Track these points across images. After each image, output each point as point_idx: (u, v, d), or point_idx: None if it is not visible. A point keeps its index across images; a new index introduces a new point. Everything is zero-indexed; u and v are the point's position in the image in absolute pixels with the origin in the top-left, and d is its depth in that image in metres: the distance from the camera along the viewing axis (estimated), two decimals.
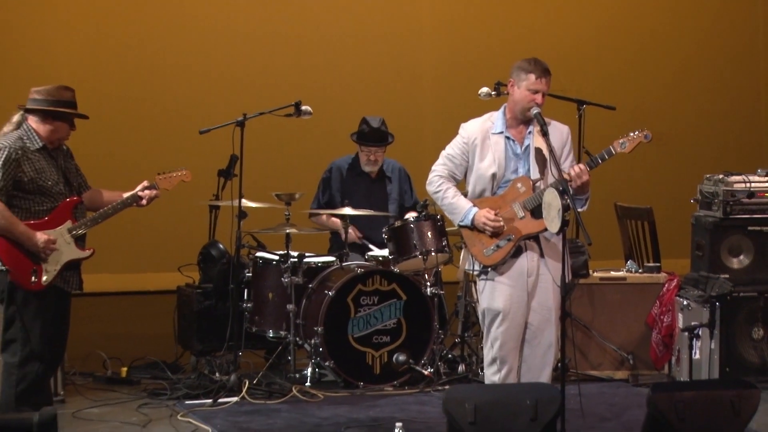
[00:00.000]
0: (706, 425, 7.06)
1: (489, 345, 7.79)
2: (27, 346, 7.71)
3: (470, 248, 7.72)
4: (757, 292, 9.49)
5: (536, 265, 7.69)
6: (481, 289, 7.79)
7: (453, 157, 7.78)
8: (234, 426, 8.39)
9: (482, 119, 7.80)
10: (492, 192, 7.72)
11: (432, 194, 7.86)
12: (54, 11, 13.22)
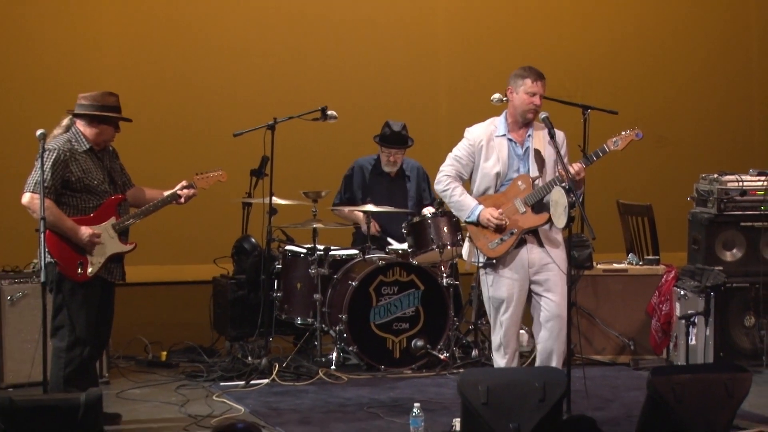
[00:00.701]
0: (702, 406, 7.05)
1: (495, 331, 7.84)
2: (74, 332, 7.74)
3: (476, 242, 7.81)
4: (749, 283, 9.49)
5: (538, 257, 7.74)
6: (486, 279, 7.84)
7: (460, 158, 7.88)
8: (265, 406, 8.40)
9: (485, 124, 7.91)
10: (495, 189, 7.83)
11: (440, 192, 7.98)
12: (100, 25, 13.21)
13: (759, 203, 9.67)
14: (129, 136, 8.34)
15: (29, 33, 13.04)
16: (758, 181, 9.72)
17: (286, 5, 13.42)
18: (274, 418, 8.07)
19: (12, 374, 8.80)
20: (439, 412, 7.89)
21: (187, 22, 13.34)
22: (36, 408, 6.75)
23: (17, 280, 8.97)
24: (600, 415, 6.90)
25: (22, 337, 8.78)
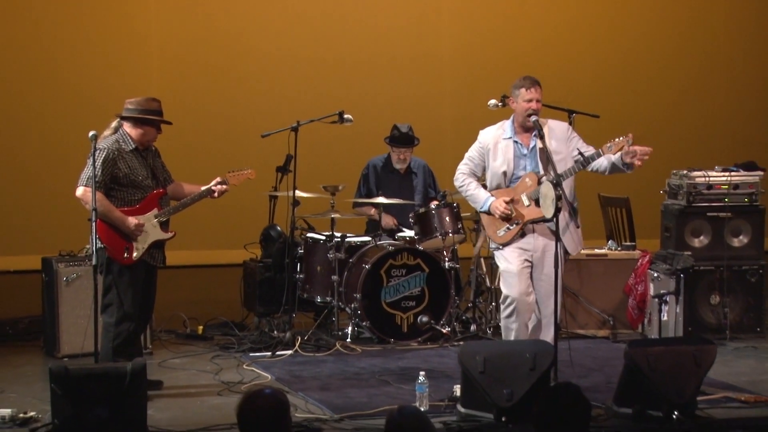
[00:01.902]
0: (673, 374, 7.04)
1: (505, 305, 7.86)
2: (121, 309, 7.75)
3: (487, 230, 8.02)
4: (714, 266, 9.48)
5: (542, 243, 7.84)
6: (498, 258, 8.01)
7: (473, 158, 8.06)
8: (289, 374, 8.39)
9: (496, 127, 8.04)
10: (506, 185, 7.97)
11: (458, 188, 8.17)
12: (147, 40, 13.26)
13: (723, 196, 9.66)
14: (171, 137, 8.37)
15: (84, 45, 13.13)
16: (722, 176, 9.72)
17: (309, 27, 13.53)
18: (297, 384, 8.07)
19: (67, 346, 8.80)
20: (442, 380, 7.88)
21: (223, 39, 13.42)
22: (88, 375, 6.76)
23: (72, 263, 8.97)
24: (583, 383, 6.90)
25: (76, 313, 8.78)
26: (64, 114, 12.83)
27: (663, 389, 6.99)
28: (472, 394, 7.11)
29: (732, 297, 9.48)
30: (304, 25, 13.52)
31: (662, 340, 8.73)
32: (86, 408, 5.31)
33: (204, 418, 7.12)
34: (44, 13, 13.04)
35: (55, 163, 12.33)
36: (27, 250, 11.87)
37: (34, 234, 12.47)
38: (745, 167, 9.87)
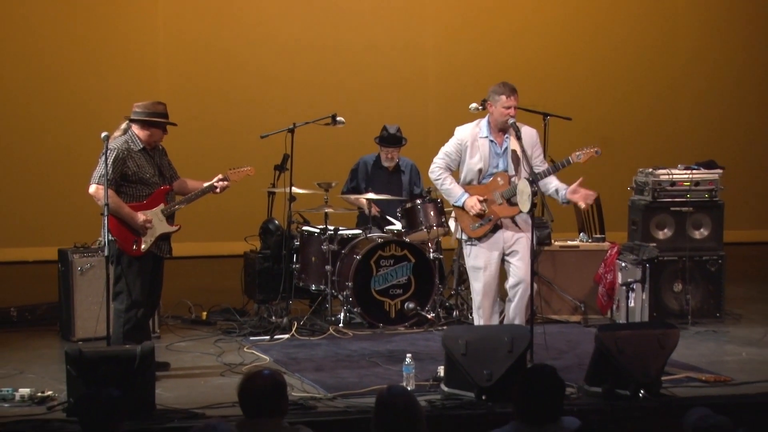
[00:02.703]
0: (639, 356, 7.06)
1: (474, 294, 7.87)
2: (131, 297, 7.75)
3: (460, 223, 7.97)
4: (677, 257, 9.49)
5: (510, 236, 7.82)
6: (467, 252, 7.95)
7: (449, 153, 7.99)
8: (286, 356, 8.39)
9: (472, 125, 7.97)
10: (478, 181, 7.93)
11: (433, 180, 8.12)
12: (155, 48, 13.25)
13: (685, 192, 9.68)
14: (177, 137, 8.35)
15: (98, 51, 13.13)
16: (685, 174, 9.74)
17: (304, 37, 13.56)
18: (294, 365, 8.06)
19: (81, 330, 8.78)
20: (427, 361, 7.87)
21: (225, 48, 13.43)
22: (101, 358, 6.77)
23: (85, 254, 8.96)
24: (557, 364, 6.89)
25: (90, 300, 8.76)
26: (78, 116, 12.80)
27: (630, 370, 7.01)
28: (454, 374, 7.12)
29: (693, 285, 9.49)
30: (300, 36, 13.52)
31: (629, 324, 8.74)
32: (99, 387, 5.29)
33: (208, 397, 7.12)
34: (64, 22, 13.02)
35: (70, 162, 12.30)
36: (44, 243, 11.84)
37: (51, 227, 12.44)
38: (705, 166, 9.90)
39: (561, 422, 5.24)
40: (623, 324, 8.93)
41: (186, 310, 9.89)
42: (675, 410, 6.56)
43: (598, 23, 14.22)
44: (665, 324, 7.69)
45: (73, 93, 13.01)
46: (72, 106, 12.96)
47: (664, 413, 6.78)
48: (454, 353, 7.08)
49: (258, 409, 5.18)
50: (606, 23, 14.24)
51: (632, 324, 8.77)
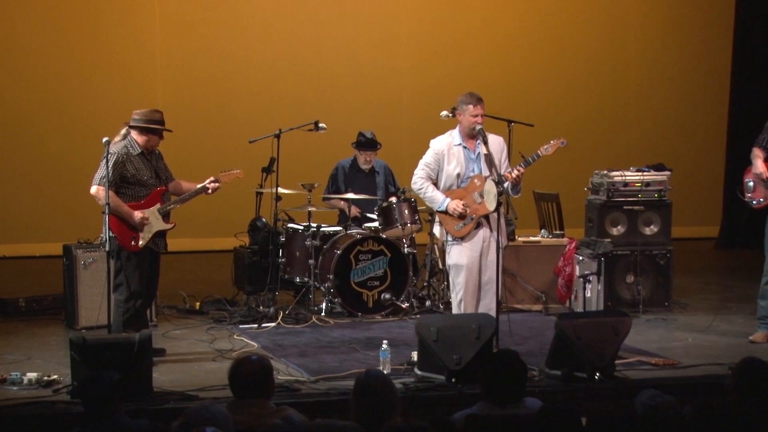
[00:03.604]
0: (595, 342, 7.07)
1: (456, 290, 7.86)
2: (130, 288, 7.74)
3: (445, 226, 7.91)
4: (630, 251, 9.52)
5: (488, 235, 7.79)
6: (451, 252, 7.89)
7: (429, 164, 7.95)
8: (273, 343, 8.38)
9: (445, 136, 7.97)
10: (457, 186, 7.90)
11: (416, 191, 8.05)
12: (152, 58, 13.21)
13: (637, 192, 9.71)
14: (172, 142, 8.34)
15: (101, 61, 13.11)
16: (636, 175, 9.77)
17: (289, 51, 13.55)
18: (280, 351, 8.05)
19: (84, 319, 8.75)
20: (402, 347, 7.86)
21: (217, 60, 13.43)
22: (102, 344, 6.75)
23: (88, 249, 8.94)
24: (520, 349, 6.91)
25: (92, 291, 8.73)
26: (81, 124, 12.75)
27: (587, 354, 7.02)
28: (427, 359, 7.12)
29: (644, 277, 9.52)
30: (286, 51, 13.53)
31: (586, 313, 8.75)
32: (101, 371, 5.27)
33: (201, 380, 7.10)
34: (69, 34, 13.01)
35: (74, 165, 12.24)
36: (50, 239, 11.79)
37: (56, 225, 12.39)
38: (655, 168, 9.93)
39: (524, 403, 5.25)
40: (581, 312, 8.95)
41: (181, 300, 9.86)
42: (627, 391, 6.59)
43: (557, 40, 14.24)
44: (619, 312, 7.72)
45: (75, 103, 12.97)
46: (75, 115, 12.92)
47: (617, 394, 6.80)
48: (426, 340, 7.08)
49: (247, 391, 5.17)
50: (564, 40, 14.26)
51: (589, 313, 8.79)
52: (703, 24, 14.53)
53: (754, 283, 8.71)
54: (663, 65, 14.56)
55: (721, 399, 5.28)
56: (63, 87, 12.96)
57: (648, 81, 14.55)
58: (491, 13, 14.10)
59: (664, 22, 14.53)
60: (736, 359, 5.56)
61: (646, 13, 14.48)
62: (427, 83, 13.59)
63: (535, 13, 14.20)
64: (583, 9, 14.31)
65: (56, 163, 12.87)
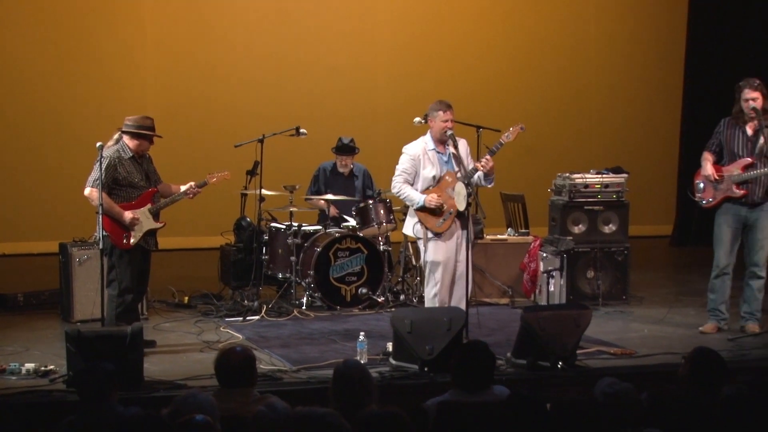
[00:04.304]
0: (558, 333, 7.09)
1: (432, 285, 7.85)
2: (122, 284, 7.71)
3: (425, 223, 7.91)
4: (590, 248, 9.55)
5: (460, 233, 7.82)
6: (428, 248, 7.88)
7: (406, 170, 7.96)
8: (257, 335, 8.36)
9: (418, 142, 7.99)
10: (434, 187, 7.88)
11: (396, 194, 8.07)
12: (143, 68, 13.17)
13: (597, 193, 9.74)
14: (162, 147, 8.30)
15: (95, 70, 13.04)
16: (596, 178, 9.80)
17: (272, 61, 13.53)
18: (263, 343, 8.04)
19: (79, 313, 8.72)
20: (378, 339, 7.85)
21: (204, 69, 13.41)
22: (96, 337, 6.72)
23: (83, 247, 8.91)
24: (489, 340, 6.90)
25: (87, 287, 8.69)
26: (76, 127, 12.69)
27: (550, 345, 7.04)
28: (401, 349, 7.13)
29: (603, 272, 9.55)
30: (269, 60, 13.51)
31: (550, 306, 8.78)
32: (95, 362, 5.25)
33: (189, 370, 7.08)
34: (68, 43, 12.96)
35: (70, 166, 12.16)
36: (47, 237, 11.73)
37: (53, 224, 12.33)
38: (613, 171, 9.97)
39: (492, 390, 5.26)
40: (544, 306, 8.97)
41: (170, 295, 9.83)
42: (588, 379, 6.60)
43: (527, 56, 14.27)
44: (580, 306, 7.74)
45: (70, 111, 12.93)
46: (70, 121, 12.87)
47: (578, 381, 6.81)
48: (400, 331, 7.08)
49: (232, 380, 5.16)
50: (533, 57, 14.30)
51: (552, 306, 8.82)
52: (657, 41, 14.59)
53: (705, 277, 8.75)
54: (621, 78, 14.62)
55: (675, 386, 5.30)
56: (58, 96, 12.90)
57: (607, 92, 14.61)
58: (464, 30, 14.10)
59: (622, 40, 14.57)
60: (688, 349, 5.58)
61: (606, 32, 14.53)
62: (402, 93, 13.59)
63: (507, 31, 14.22)
64: (550, 28, 14.35)
65: (52, 167, 12.80)
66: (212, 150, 12.72)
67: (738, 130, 8.26)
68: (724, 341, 7.90)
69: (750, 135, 8.22)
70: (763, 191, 8.20)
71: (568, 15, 14.43)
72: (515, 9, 14.28)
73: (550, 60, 14.37)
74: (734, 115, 8.28)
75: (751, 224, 8.25)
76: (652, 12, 14.60)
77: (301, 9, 13.64)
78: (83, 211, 9.22)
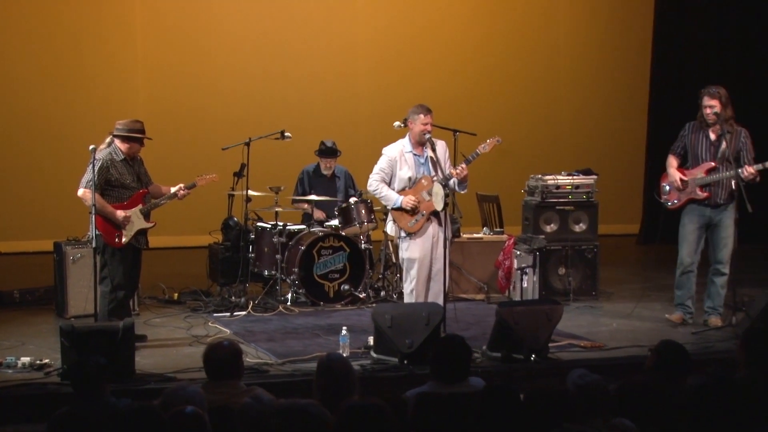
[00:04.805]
0: (531, 327, 7.11)
1: (409, 281, 7.85)
2: (114, 281, 7.70)
3: (399, 223, 7.89)
4: (561, 246, 9.58)
5: (437, 231, 7.78)
6: (405, 247, 7.89)
7: (383, 169, 7.95)
8: (244, 329, 8.34)
9: (396, 144, 7.98)
10: (409, 187, 7.89)
11: (372, 192, 8.06)
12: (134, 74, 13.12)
13: (568, 194, 9.77)
14: (153, 149, 8.27)
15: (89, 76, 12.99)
16: (567, 179, 9.84)
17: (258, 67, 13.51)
18: (250, 337, 8.02)
19: (73, 308, 8.68)
20: (359, 333, 7.86)
21: (192, 75, 13.41)
22: (89, 332, 6.71)
23: (76, 246, 8.87)
24: (465, 334, 6.93)
25: (80, 284, 8.65)
26: (69, 131, 12.64)
27: (524, 338, 7.06)
28: (382, 343, 7.13)
29: (574, 269, 9.58)
30: (255, 68, 13.51)
31: (523, 301, 8.80)
32: (88, 356, 5.23)
33: (178, 363, 7.07)
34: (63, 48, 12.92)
35: (64, 167, 12.10)
36: (42, 236, 11.65)
37: (47, 223, 12.25)
38: (583, 172, 10.00)
39: (468, 381, 5.26)
40: (518, 301, 8.99)
41: (160, 291, 9.80)
42: (560, 371, 6.59)
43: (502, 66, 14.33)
44: (552, 301, 7.75)
45: (63, 116, 12.89)
46: (63, 126, 12.83)
47: (551, 373, 6.82)
48: (381, 326, 7.08)
49: (219, 373, 5.15)
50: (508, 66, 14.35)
51: (525, 301, 8.83)
52: (625, 52, 14.63)
53: (670, 274, 8.79)
54: (590, 86, 14.69)
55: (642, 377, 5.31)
56: (52, 103, 12.88)
57: (578, 97, 14.66)
58: (443, 41, 14.12)
59: (592, 52, 14.63)
60: (655, 342, 5.60)
61: (576, 45, 14.58)
62: (381, 99, 13.60)
63: (484, 43, 14.26)
64: (526, 43, 14.39)
65: (47, 169, 12.76)
66: (201, 153, 12.67)
67: (702, 135, 8.31)
68: (688, 334, 7.95)
69: (713, 140, 8.28)
70: (726, 193, 8.25)
71: (541, 30, 14.50)
72: (492, 24, 14.29)
73: (525, 71, 14.44)
74: (698, 120, 8.34)
75: (715, 224, 8.30)
76: (620, 25, 14.67)
77: (285, 18, 13.64)
78: (77, 211, 9.16)
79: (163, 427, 4.02)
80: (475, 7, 14.29)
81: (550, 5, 14.56)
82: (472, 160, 7.80)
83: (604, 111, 14.71)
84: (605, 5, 14.70)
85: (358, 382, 4.86)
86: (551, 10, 14.54)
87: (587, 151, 14.19)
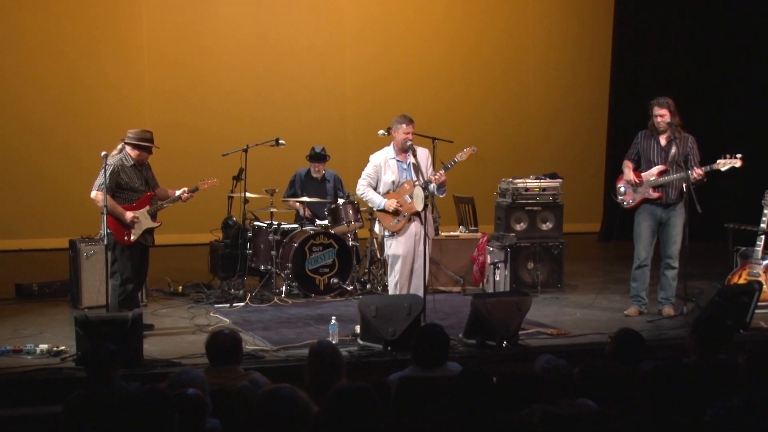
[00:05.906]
0: (503, 317, 7.13)
1: (393, 275, 7.85)
2: (124, 275, 7.68)
3: (382, 222, 7.88)
4: (530, 243, 9.60)
5: (419, 230, 7.77)
6: (389, 245, 7.88)
7: (369, 175, 7.94)
8: (242, 319, 8.33)
9: (382, 151, 8.00)
10: (392, 191, 7.89)
11: (360, 195, 8.05)
12: (141, 84, 13.08)
13: (536, 195, 9.80)
14: (160, 155, 8.24)
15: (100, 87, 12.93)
16: (535, 182, 9.86)
17: (252, 79, 13.49)
18: (248, 326, 8.01)
19: (87, 300, 8.66)
20: (347, 322, 7.85)
21: (197, 87, 13.38)
22: (102, 321, 6.67)
23: (90, 243, 8.84)
24: (443, 323, 6.91)
25: (93, 277, 8.63)
26: (83, 139, 12.60)
27: (496, 327, 7.07)
28: (367, 331, 7.13)
29: (541, 264, 9.60)
30: (252, 80, 13.50)
31: (496, 293, 8.80)
32: (100, 343, 5.21)
33: (183, 350, 7.04)
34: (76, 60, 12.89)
35: (78, 171, 12.03)
36: (58, 234, 11.61)
37: (63, 223, 12.21)
38: (550, 176, 10.03)
39: (446, 366, 5.27)
40: (491, 293, 9.00)
41: (166, 285, 9.78)
42: (528, 356, 6.63)
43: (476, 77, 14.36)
44: (521, 293, 7.78)
45: (77, 124, 12.86)
46: (77, 134, 12.80)
47: (520, 358, 6.83)
48: (367, 315, 7.09)
49: (220, 358, 5.14)
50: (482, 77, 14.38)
51: (497, 293, 8.83)
52: (586, 67, 14.69)
53: (627, 268, 8.82)
54: (556, 98, 14.74)
55: (602, 361, 5.34)
56: (63, 116, 12.87)
57: (546, 110, 14.72)
58: (427, 55, 14.16)
59: (557, 68, 14.67)
60: (614, 330, 5.62)
61: (542, 62, 14.63)
62: (368, 107, 13.60)
63: (464, 60, 14.30)
64: (498, 61, 14.45)
65: (63, 172, 12.72)
66: (203, 159, 12.65)
67: (653, 141, 8.35)
68: (644, 323, 7.97)
69: (663, 145, 8.32)
70: (676, 193, 8.29)
71: (515, 51, 14.57)
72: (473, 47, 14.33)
73: (500, 87, 14.52)
74: (650, 128, 8.39)
75: (665, 222, 8.34)
76: (583, 49, 14.76)
77: (276, 33, 13.64)
78: (90, 211, 9.13)
79: (170, 408, 4.01)
80: (458, 31, 14.28)
81: (524, 30, 14.61)
82: (449, 168, 7.82)
83: (569, 122, 14.78)
84: (569, 32, 14.75)
85: (345, 367, 4.86)
86: (523, 35, 14.62)
87: (553, 157, 14.24)
